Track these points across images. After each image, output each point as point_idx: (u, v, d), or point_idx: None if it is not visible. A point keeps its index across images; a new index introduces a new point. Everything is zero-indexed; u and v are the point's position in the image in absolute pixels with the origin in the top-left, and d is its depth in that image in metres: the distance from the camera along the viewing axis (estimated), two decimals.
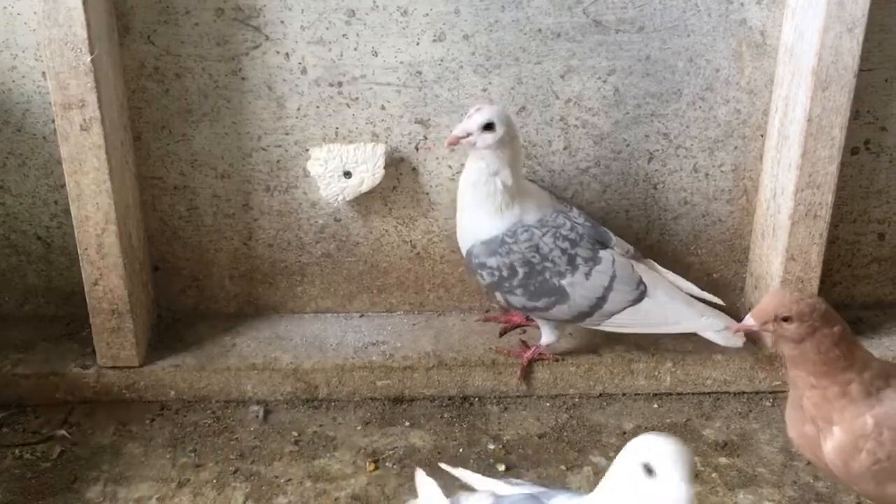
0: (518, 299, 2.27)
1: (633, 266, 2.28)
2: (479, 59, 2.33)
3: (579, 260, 2.24)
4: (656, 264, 2.39)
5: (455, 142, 2.15)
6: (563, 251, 2.23)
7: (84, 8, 2.03)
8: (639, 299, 2.26)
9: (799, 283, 2.35)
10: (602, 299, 2.25)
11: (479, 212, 2.22)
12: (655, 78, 2.36)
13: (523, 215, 2.23)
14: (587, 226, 2.28)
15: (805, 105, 2.18)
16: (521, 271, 2.23)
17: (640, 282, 2.27)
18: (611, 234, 2.33)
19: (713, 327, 2.28)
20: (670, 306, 2.27)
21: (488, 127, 2.12)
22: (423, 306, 2.62)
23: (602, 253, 2.26)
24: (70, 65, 2.07)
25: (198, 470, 2.22)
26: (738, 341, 2.31)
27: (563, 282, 2.24)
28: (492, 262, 2.24)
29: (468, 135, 2.13)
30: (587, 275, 2.24)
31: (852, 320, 2.56)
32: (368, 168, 2.38)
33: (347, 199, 2.41)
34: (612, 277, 2.25)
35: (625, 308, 2.26)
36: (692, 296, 2.33)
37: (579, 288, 2.24)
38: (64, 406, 2.39)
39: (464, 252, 2.30)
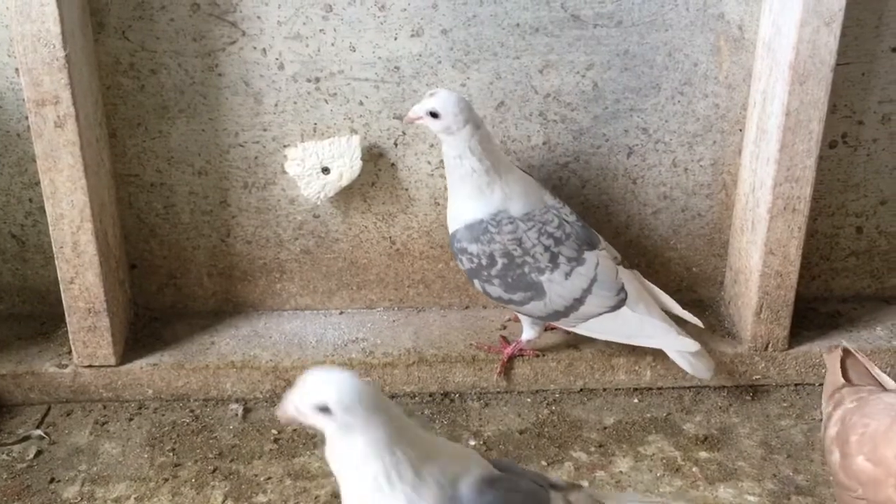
0: (495, 289, 2.26)
1: (617, 272, 2.27)
2: (458, 54, 2.32)
3: (561, 259, 2.24)
4: (641, 276, 2.37)
5: (409, 121, 2.22)
6: (546, 248, 2.23)
7: (57, 4, 2.00)
8: (617, 306, 2.25)
9: (778, 277, 2.36)
10: (579, 301, 2.24)
11: (460, 193, 2.23)
12: (634, 73, 2.36)
13: (508, 201, 2.22)
14: (577, 226, 2.27)
15: (783, 99, 2.19)
16: (500, 262, 2.23)
17: (622, 289, 2.26)
18: (600, 238, 2.32)
19: (686, 348, 2.26)
20: (647, 320, 2.26)
21: (433, 114, 2.15)
22: (403, 302, 2.61)
23: (587, 255, 2.25)
24: (43, 61, 2.05)
25: (176, 469, 2.20)
26: (705, 372, 2.29)
27: (542, 278, 2.23)
28: (473, 248, 2.23)
29: (419, 117, 2.18)
30: (567, 274, 2.24)
31: (831, 313, 2.59)
32: (346, 161, 2.36)
33: (329, 195, 2.40)
34: (593, 281, 2.24)
35: (602, 313, 2.26)
36: (674, 314, 2.33)
37: (557, 286, 2.24)
38: (40, 406, 2.37)
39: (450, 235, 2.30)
